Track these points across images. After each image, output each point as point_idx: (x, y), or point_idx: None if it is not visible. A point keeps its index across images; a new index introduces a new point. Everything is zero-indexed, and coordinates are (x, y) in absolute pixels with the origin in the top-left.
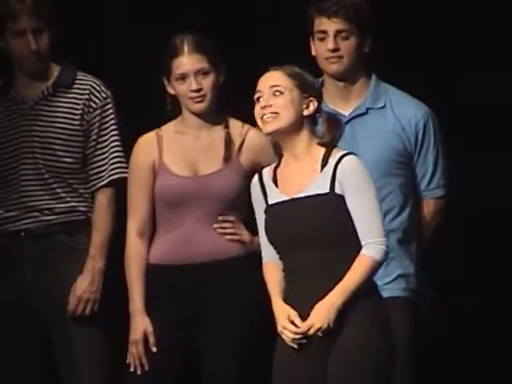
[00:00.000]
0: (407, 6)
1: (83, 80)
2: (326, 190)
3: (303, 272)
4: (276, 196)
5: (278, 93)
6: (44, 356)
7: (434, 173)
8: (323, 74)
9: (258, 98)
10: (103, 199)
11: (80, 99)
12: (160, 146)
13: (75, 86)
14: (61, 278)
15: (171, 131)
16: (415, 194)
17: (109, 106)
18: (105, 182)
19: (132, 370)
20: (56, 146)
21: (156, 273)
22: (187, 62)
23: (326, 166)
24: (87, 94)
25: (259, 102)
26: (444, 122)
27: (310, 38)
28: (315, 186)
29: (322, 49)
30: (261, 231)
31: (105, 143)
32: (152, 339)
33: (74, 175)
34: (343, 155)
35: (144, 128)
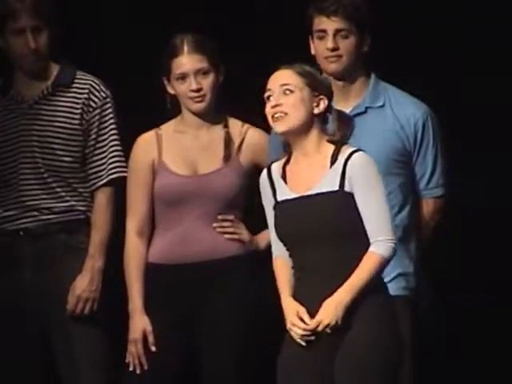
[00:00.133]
0: (407, 6)
1: (83, 79)
2: (336, 187)
3: (312, 269)
4: (285, 193)
5: (288, 91)
6: (43, 355)
7: (433, 172)
8: (323, 73)
9: (269, 97)
10: (102, 198)
11: (79, 98)
12: (159, 145)
13: (75, 85)
14: (60, 278)
15: (171, 130)
16: (414, 194)
17: (108, 105)
18: (104, 181)
19: (131, 369)
20: (55, 146)
21: (155, 272)
22: (187, 61)
23: (336, 163)
24: (86, 94)
25: (269, 100)
26: (444, 122)
27: (309, 37)
28: (324, 184)
29: (322, 48)
30: (270, 226)
31: (104, 142)
32: (151, 338)
33: (74, 174)
34: (353, 152)
35: (143, 127)
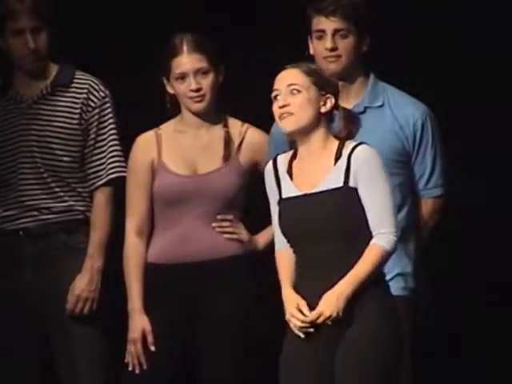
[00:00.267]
0: (407, 6)
1: (82, 79)
2: (340, 183)
3: (315, 266)
4: (290, 190)
5: (295, 91)
6: (43, 355)
7: (432, 172)
8: None
9: (276, 97)
10: (101, 198)
11: (78, 98)
12: (159, 144)
13: (74, 85)
14: (60, 277)
15: (170, 130)
16: (413, 193)
17: (107, 105)
18: (103, 181)
19: (130, 368)
20: (54, 145)
21: (154, 271)
22: (187, 61)
23: (340, 159)
24: (86, 93)
25: (277, 100)
26: (443, 122)
27: (308, 37)
28: (329, 181)
29: (320, 48)
30: (274, 220)
31: (103, 142)
32: (150, 338)
33: (73, 174)
34: (356, 145)
35: (143, 127)
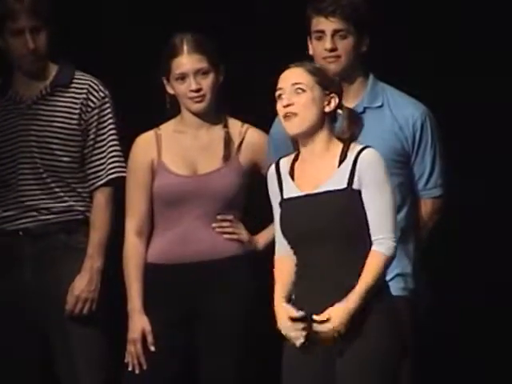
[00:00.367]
0: (407, 6)
1: (81, 79)
2: (344, 185)
3: (316, 266)
4: (292, 190)
5: (300, 90)
6: (42, 355)
7: (431, 172)
8: None
9: (280, 96)
10: (101, 198)
11: (78, 98)
12: (159, 144)
13: (73, 85)
14: (59, 278)
15: (170, 130)
16: (413, 194)
17: (107, 105)
18: (103, 181)
19: (130, 369)
20: (54, 146)
21: (154, 272)
22: (187, 61)
23: (345, 161)
24: (85, 94)
25: (281, 99)
26: (442, 122)
27: (308, 37)
28: (332, 182)
29: (320, 48)
30: (276, 223)
31: (103, 142)
32: (150, 338)
33: (72, 174)
34: (362, 148)
35: (143, 127)
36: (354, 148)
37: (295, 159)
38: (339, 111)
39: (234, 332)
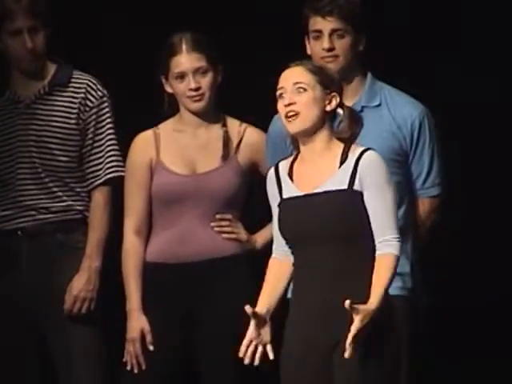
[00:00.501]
0: (407, 6)
1: (79, 79)
2: (344, 186)
3: (314, 267)
4: (290, 191)
5: (301, 89)
6: (41, 355)
7: (429, 172)
8: None
9: (281, 95)
10: (100, 198)
11: (76, 98)
12: (157, 144)
13: (71, 84)
14: (58, 277)
15: (169, 129)
16: (411, 193)
17: (105, 104)
18: (101, 180)
19: (129, 368)
20: (52, 145)
21: (153, 271)
22: (186, 60)
23: (346, 162)
24: (83, 93)
25: (282, 98)
26: (441, 122)
27: (306, 37)
28: (333, 182)
29: (318, 48)
30: (274, 224)
31: (101, 142)
32: (149, 338)
33: (71, 174)
34: (364, 150)
35: (141, 126)
36: (356, 149)
37: (294, 160)
38: (339, 110)
39: (233, 331)
